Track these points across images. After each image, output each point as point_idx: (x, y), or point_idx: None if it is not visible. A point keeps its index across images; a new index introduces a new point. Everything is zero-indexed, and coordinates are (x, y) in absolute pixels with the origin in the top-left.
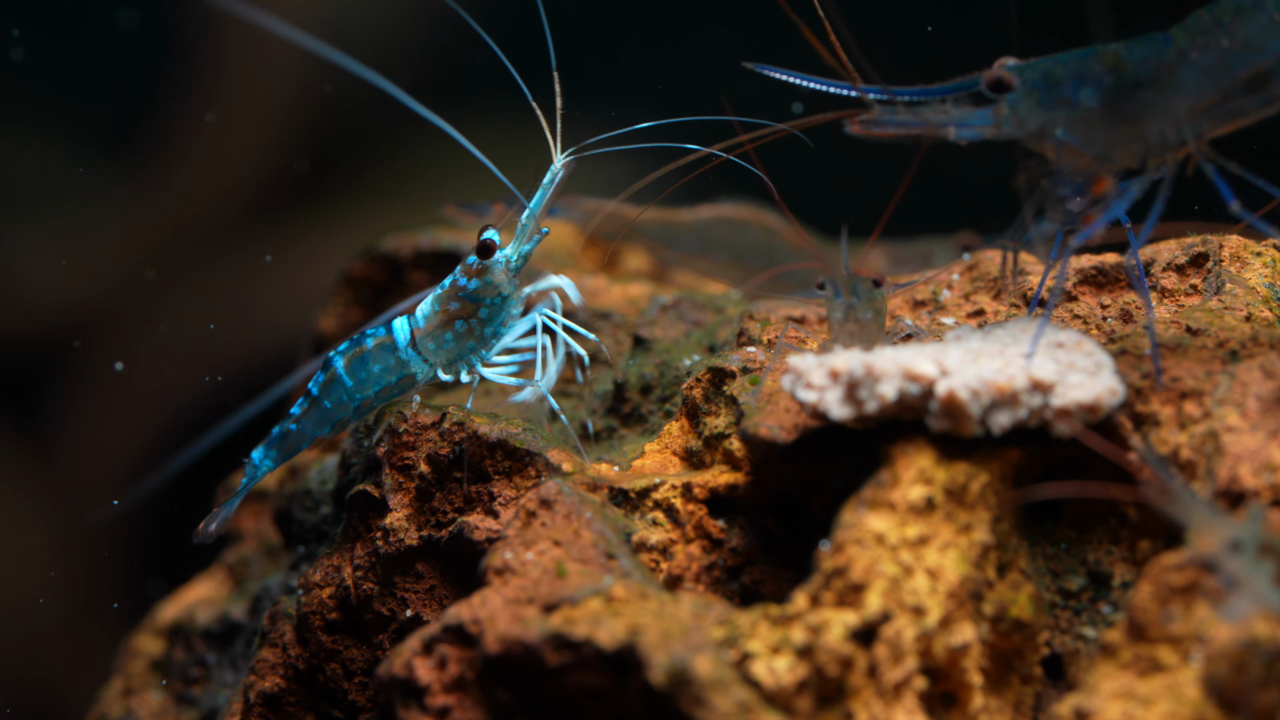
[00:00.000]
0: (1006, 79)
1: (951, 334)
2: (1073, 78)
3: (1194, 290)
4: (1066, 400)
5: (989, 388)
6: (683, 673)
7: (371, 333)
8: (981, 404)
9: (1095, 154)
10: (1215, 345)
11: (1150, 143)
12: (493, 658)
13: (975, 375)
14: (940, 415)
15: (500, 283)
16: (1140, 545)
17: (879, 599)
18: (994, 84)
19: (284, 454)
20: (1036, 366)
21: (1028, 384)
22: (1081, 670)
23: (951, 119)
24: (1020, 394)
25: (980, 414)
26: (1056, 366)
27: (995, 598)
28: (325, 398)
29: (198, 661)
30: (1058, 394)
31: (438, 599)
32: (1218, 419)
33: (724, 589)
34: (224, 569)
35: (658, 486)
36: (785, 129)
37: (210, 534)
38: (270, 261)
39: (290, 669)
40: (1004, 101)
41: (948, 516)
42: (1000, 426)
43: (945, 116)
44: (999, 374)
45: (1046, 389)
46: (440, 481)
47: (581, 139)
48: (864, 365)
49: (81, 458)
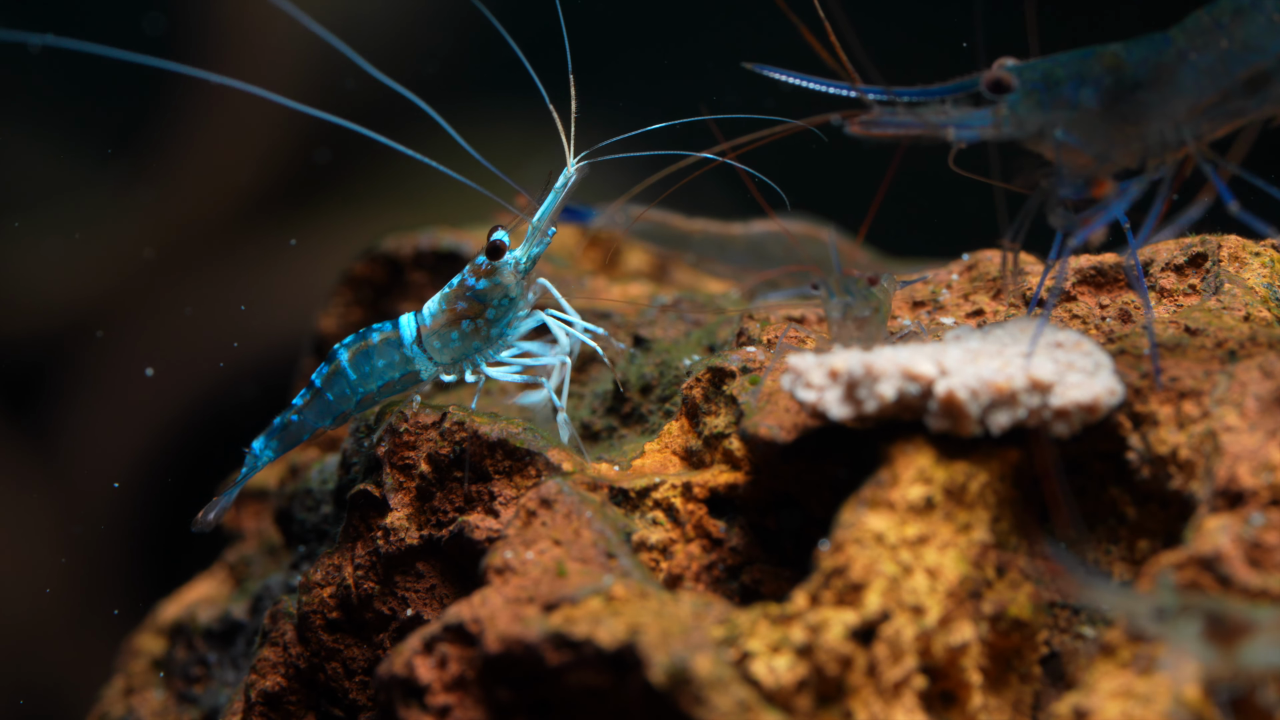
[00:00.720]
0: (1006, 80)
1: (951, 334)
2: (1072, 78)
3: (1193, 290)
4: (1065, 400)
5: (988, 387)
6: (683, 672)
7: (378, 327)
8: (980, 404)
9: (1095, 154)
10: (1214, 345)
11: (1150, 143)
12: (493, 657)
13: (974, 375)
14: (939, 415)
15: (508, 284)
16: (1139, 544)
17: (878, 598)
18: (993, 85)
19: (284, 444)
20: (1035, 366)
21: (1027, 384)
22: (1080, 669)
23: (951, 120)
24: (1019, 394)
25: (979, 414)
26: (1055, 366)
27: (994, 597)
28: (328, 390)
29: (199, 660)
30: (1056, 394)
31: (438, 598)
32: (1216, 419)
33: (724, 588)
34: (225, 568)
35: (658, 486)
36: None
37: (209, 523)
38: (294, 245)
39: (291, 668)
40: (1003, 102)
41: (947, 516)
42: (999, 426)
43: (945, 117)
44: (998, 374)
45: (1045, 389)
46: (441, 481)
47: (595, 142)
48: (863, 365)
49: (83, 457)
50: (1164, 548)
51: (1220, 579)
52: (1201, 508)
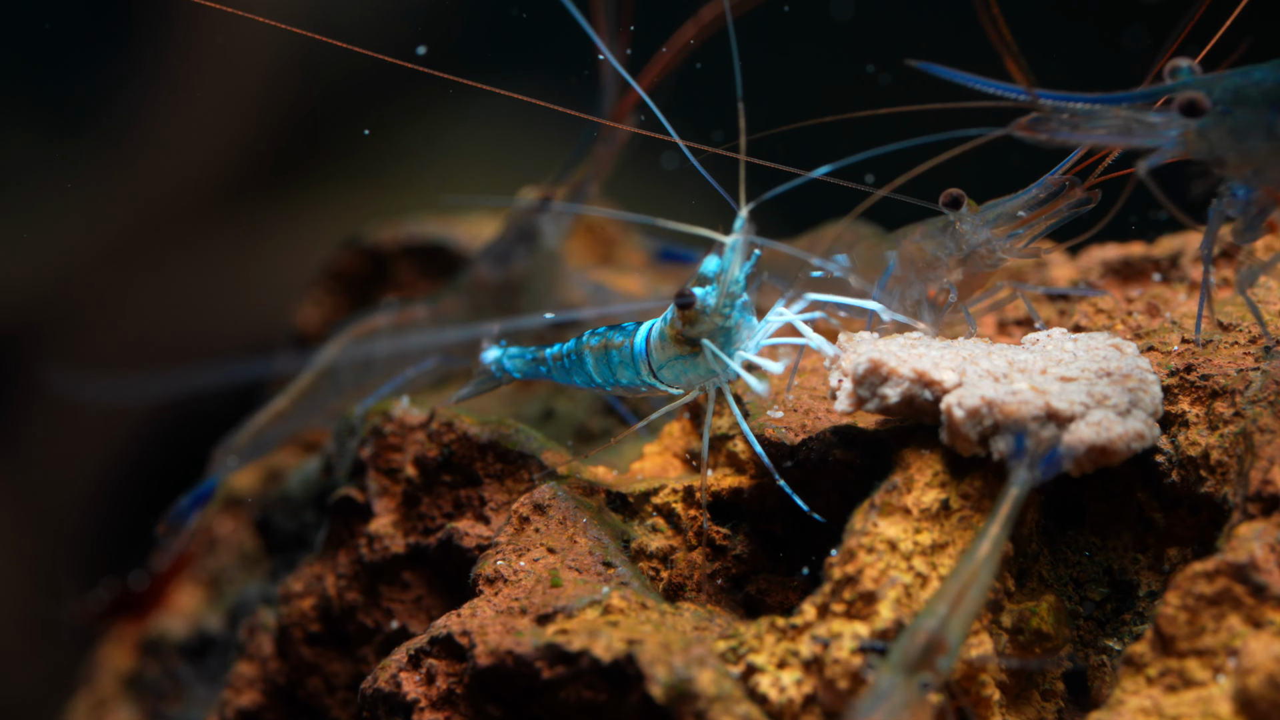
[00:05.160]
0: (1200, 102)
1: (1030, 337)
2: (1273, 104)
3: (1226, 283)
4: (1076, 438)
5: (994, 410)
6: (684, 687)
7: (622, 337)
8: (981, 426)
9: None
10: (1247, 341)
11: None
12: (483, 671)
13: (981, 393)
14: (945, 429)
15: (715, 324)
16: (1168, 552)
17: (892, 609)
18: (1186, 107)
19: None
20: (1061, 393)
21: (1039, 411)
22: (1106, 685)
23: (1132, 135)
24: (1027, 421)
25: (978, 436)
26: (1087, 398)
27: (1014, 608)
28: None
29: (171, 675)
30: (1071, 430)
31: (425, 610)
32: (1250, 419)
33: (728, 599)
34: (200, 578)
35: (658, 490)
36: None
37: None
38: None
39: (269, 684)
40: (1192, 125)
41: (963, 521)
42: (1000, 453)
43: (1125, 134)
44: (1009, 396)
45: (1062, 420)
46: (428, 485)
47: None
48: (871, 361)
49: (43, 456)
50: (1194, 556)
51: (1254, 589)
52: (1234, 513)
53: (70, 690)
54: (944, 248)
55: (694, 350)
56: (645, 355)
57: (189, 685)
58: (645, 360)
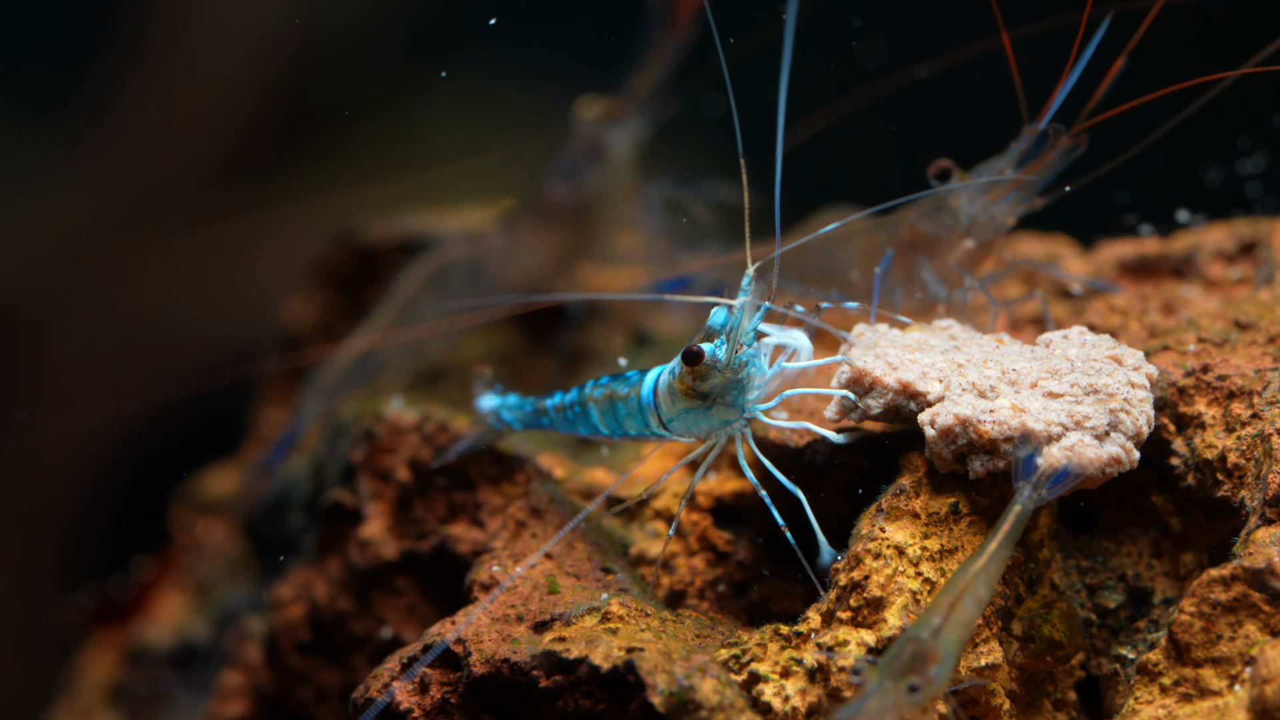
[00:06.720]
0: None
1: (1044, 337)
2: None
3: (1243, 280)
4: (1048, 463)
5: (969, 429)
6: (685, 696)
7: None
8: (956, 445)
9: None
10: (1265, 340)
11: None
12: (479, 680)
13: (954, 412)
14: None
15: (726, 378)
16: (1183, 558)
17: (899, 616)
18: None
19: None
20: (1041, 414)
21: (1013, 433)
22: (1119, 695)
23: None
24: (999, 443)
25: (953, 455)
26: (1066, 419)
27: (1025, 615)
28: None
29: (155, 684)
30: (1045, 453)
31: (418, 617)
32: (1268, 420)
33: (730, 605)
34: (185, 585)
35: (658, 494)
36: None
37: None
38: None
39: (257, 693)
40: None
41: (974, 526)
42: (976, 473)
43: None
44: (985, 415)
45: (1033, 441)
46: (422, 489)
47: None
48: (856, 371)
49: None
50: (1210, 562)
51: (1271, 596)
52: (1252, 518)
53: (49, 699)
54: (942, 225)
55: (705, 403)
56: (654, 406)
57: (174, 694)
58: (654, 411)
